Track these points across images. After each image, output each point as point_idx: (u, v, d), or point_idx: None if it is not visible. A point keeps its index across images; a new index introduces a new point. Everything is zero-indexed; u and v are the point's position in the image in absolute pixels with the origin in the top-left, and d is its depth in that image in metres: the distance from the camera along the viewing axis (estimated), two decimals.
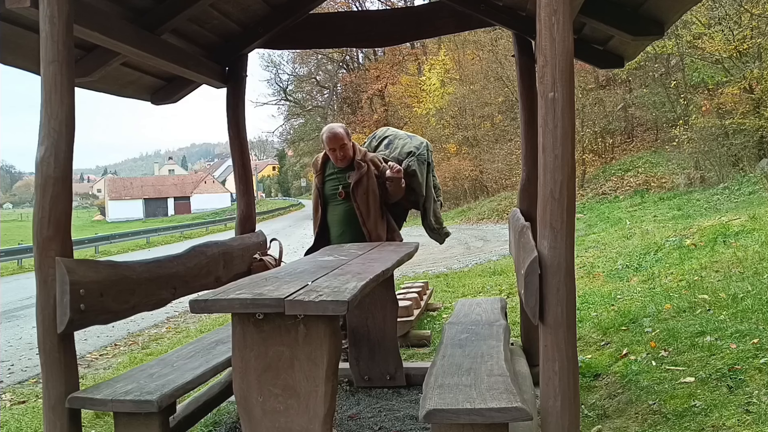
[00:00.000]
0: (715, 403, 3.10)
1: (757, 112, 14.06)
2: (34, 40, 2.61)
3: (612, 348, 4.41)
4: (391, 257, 3.44)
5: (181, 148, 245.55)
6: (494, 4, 4.02)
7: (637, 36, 3.60)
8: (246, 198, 4.47)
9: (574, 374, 2.03)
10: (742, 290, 4.89)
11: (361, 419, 3.48)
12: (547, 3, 2.01)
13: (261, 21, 4.24)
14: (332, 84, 42.69)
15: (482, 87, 26.49)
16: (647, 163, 18.86)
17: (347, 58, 40.57)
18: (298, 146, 47.88)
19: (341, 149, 4.31)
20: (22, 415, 4.26)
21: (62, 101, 2.41)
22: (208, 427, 3.54)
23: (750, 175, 13.37)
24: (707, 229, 8.08)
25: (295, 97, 46.40)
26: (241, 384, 2.32)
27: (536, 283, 2.06)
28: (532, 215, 2.77)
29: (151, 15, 3.53)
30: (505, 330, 3.15)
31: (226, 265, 3.79)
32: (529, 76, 4.01)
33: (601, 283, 6.96)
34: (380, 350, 3.90)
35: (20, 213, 78.09)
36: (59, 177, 2.41)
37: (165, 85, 4.44)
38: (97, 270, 2.57)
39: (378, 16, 4.99)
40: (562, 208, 2.02)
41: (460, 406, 2.07)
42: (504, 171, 24.85)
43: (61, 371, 2.42)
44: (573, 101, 2.04)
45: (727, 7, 13.95)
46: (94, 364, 6.29)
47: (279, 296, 2.18)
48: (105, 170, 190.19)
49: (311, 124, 44.07)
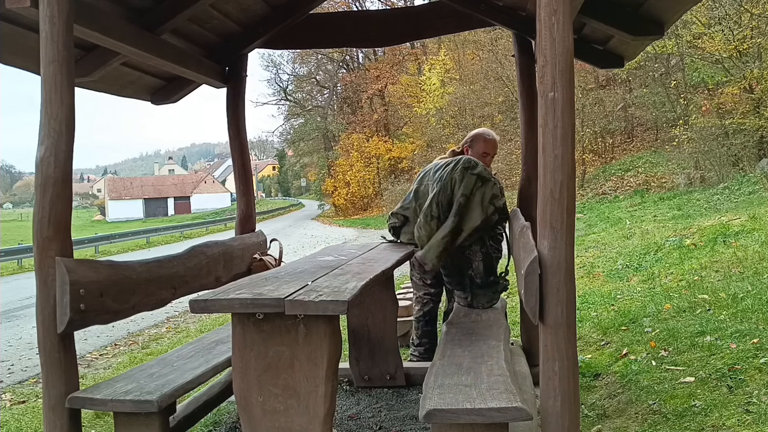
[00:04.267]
0: (715, 403, 3.11)
1: (757, 112, 14.05)
2: (34, 40, 2.61)
3: (612, 348, 4.41)
4: (391, 257, 3.44)
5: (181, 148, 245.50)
6: (494, 4, 4.02)
7: (637, 36, 3.60)
8: (246, 198, 4.47)
9: (574, 374, 2.03)
10: (742, 290, 4.89)
11: (361, 419, 3.48)
12: (547, 3, 2.01)
13: (261, 21, 4.24)
14: (332, 84, 42.70)
15: (482, 87, 26.47)
16: (647, 163, 18.86)
17: (347, 58, 40.59)
18: (298, 146, 47.88)
19: (492, 157, 4.21)
20: (22, 415, 4.26)
21: (62, 101, 2.41)
22: (208, 427, 3.54)
23: (750, 175, 13.37)
24: (707, 229, 8.08)
25: (295, 97, 46.42)
26: (241, 384, 2.32)
27: (536, 283, 2.06)
28: (532, 215, 2.77)
29: (151, 15, 3.53)
30: (505, 330, 3.15)
31: (226, 265, 3.79)
32: (529, 76, 4.01)
33: (601, 283, 6.96)
34: (380, 350, 3.90)
35: (20, 213, 78.07)
36: (59, 177, 2.41)
37: (165, 85, 4.44)
38: (97, 270, 2.57)
39: (378, 16, 4.99)
40: (562, 208, 2.02)
41: (460, 405, 2.07)
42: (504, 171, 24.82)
43: (61, 371, 2.42)
44: (573, 101, 2.04)
45: (727, 7, 13.94)
46: (94, 364, 6.29)
47: (279, 296, 2.18)
48: (105, 170, 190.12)
49: (311, 124, 44.09)
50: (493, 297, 3.75)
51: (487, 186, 3.65)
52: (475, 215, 3.60)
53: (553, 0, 2.00)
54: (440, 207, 3.66)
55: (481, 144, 4.16)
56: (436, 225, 3.66)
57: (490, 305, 3.71)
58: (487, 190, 3.65)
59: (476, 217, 3.60)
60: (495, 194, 3.66)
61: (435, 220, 3.66)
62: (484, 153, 4.13)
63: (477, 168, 3.69)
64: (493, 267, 3.82)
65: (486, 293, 3.75)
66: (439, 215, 3.66)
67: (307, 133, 44.64)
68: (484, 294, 3.74)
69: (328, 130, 42.31)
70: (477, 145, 4.19)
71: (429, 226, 3.68)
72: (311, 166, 50.30)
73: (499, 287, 3.80)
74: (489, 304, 3.72)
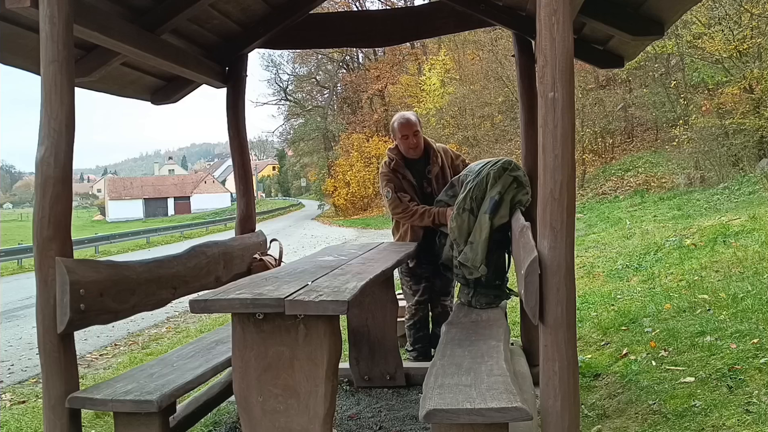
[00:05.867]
0: (715, 403, 3.11)
1: (757, 112, 14.04)
2: (34, 40, 2.61)
3: (612, 348, 4.41)
4: (391, 257, 3.44)
5: (181, 148, 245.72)
6: (494, 4, 4.02)
7: (637, 36, 3.60)
8: (246, 198, 4.47)
9: (574, 374, 2.03)
10: (742, 290, 4.89)
11: (361, 419, 3.48)
12: (547, 3, 2.01)
13: (261, 21, 4.24)
14: (332, 84, 42.71)
15: (482, 87, 26.48)
16: (647, 163, 18.85)
17: (347, 58, 40.58)
18: (298, 146, 47.86)
19: (414, 136, 4.23)
20: (22, 415, 4.26)
21: (62, 101, 2.41)
22: (208, 427, 3.54)
23: (750, 175, 13.36)
24: (707, 229, 8.08)
25: (295, 97, 46.42)
26: (241, 384, 2.32)
27: (536, 283, 2.06)
28: (532, 215, 2.77)
29: (151, 15, 3.53)
30: (505, 330, 3.15)
31: (226, 265, 3.79)
32: (529, 76, 4.01)
33: (601, 283, 6.95)
34: (380, 350, 3.90)
35: (20, 213, 78.06)
36: (59, 177, 2.41)
37: (165, 85, 4.44)
38: (97, 270, 2.57)
39: (378, 16, 4.99)
40: (562, 208, 2.02)
41: (460, 406, 2.07)
42: None
43: (61, 371, 2.42)
44: (573, 101, 2.04)
45: (727, 7, 13.94)
46: (94, 364, 6.29)
47: (279, 296, 2.19)
48: (105, 170, 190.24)
49: (311, 124, 44.08)
50: (493, 300, 3.74)
51: (520, 191, 3.67)
52: (504, 213, 3.63)
53: (553, 0, 2.01)
54: (474, 201, 3.70)
55: (396, 131, 4.28)
56: (467, 217, 3.71)
57: (488, 306, 3.71)
58: (518, 194, 3.66)
59: (504, 216, 3.63)
60: (521, 201, 3.67)
61: (467, 212, 3.71)
62: (403, 137, 4.25)
63: (517, 171, 3.70)
64: (503, 270, 3.82)
65: (488, 294, 3.74)
66: (472, 208, 3.70)
67: (307, 133, 44.63)
68: (486, 294, 3.74)
69: (328, 130, 42.31)
70: (395, 135, 4.34)
71: (461, 218, 3.73)
72: (311, 166, 50.29)
73: (501, 293, 3.78)
74: (487, 306, 3.72)
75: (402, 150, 4.31)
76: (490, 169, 3.71)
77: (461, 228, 3.73)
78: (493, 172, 3.68)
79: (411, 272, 4.37)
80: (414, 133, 4.23)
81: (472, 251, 3.65)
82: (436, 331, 4.30)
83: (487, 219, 3.60)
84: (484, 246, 3.60)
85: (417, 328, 4.43)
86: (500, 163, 3.74)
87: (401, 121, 4.27)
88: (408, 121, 4.25)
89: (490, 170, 3.70)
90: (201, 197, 73.63)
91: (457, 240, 3.76)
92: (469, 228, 3.71)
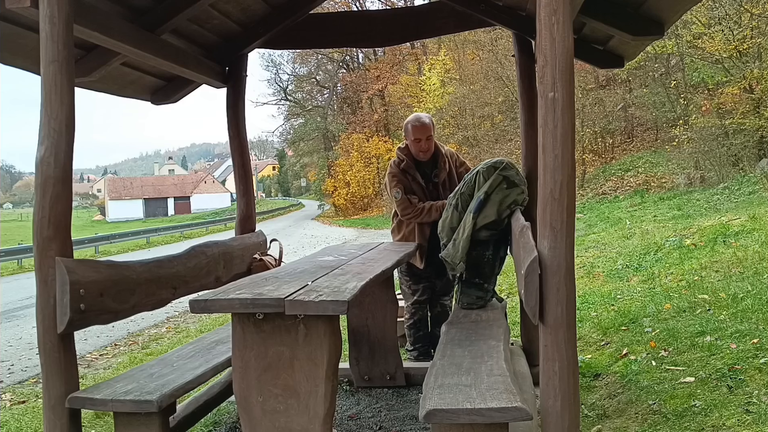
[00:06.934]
0: (715, 403, 3.10)
1: (757, 112, 14.04)
2: (34, 40, 2.61)
3: (612, 348, 4.41)
4: (391, 257, 3.44)
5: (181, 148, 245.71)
6: (494, 4, 4.02)
7: (637, 36, 3.60)
8: (246, 198, 4.47)
9: (574, 374, 2.03)
10: (742, 290, 4.89)
11: (361, 419, 3.48)
12: (547, 3, 2.01)
13: (261, 21, 4.24)
14: (332, 84, 42.70)
15: (482, 87, 26.48)
16: (647, 163, 18.85)
17: (347, 58, 40.58)
18: (298, 146, 47.88)
19: (427, 141, 4.20)
20: (22, 415, 4.26)
21: (62, 101, 2.41)
22: (208, 427, 3.55)
23: (750, 175, 13.36)
24: (707, 229, 8.08)
25: (295, 97, 46.42)
26: (241, 384, 2.32)
27: (536, 283, 2.06)
28: (532, 215, 2.77)
29: (151, 15, 3.53)
30: (505, 330, 3.15)
31: (226, 265, 3.79)
32: (529, 76, 4.01)
33: (601, 283, 6.96)
34: (380, 350, 3.90)
35: (20, 213, 78.07)
36: (59, 177, 2.41)
37: (165, 85, 4.44)
38: (97, 270, 2.57)
39: (378, 16, 4.99)
40: (562, 208, 2.02)
41: (460, 405, 2.07)
42: None
43: (61, 371, 2.42)
44: (573, 101, 2.04)
45: (727, 7, 13.94)
46: (94, 364, 6.29)
47: (279, 296, 2.19)
48: (105, 170, 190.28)
49: (311, 124, 44.09)
50: (474, 301, 3.64)
51: (513, 191, 3.56)
52: (489, 213, 3.55)
53: (553, 0, 2.01)
54: (461, 198, 3.69)
55: (409, 132, 4.24)
56: (452, 213, 3.71)
57: (469, 308, 3.62)
58: (511, 194, 3.55)
59: (490, 215, 3.55)
60: (516, 201, 3.56)
61: (452, 208, 3.72)
62: (416, 140, 4.21)
63: (509, 170, 3.61)
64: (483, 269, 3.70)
65: (470, 294, 3.67)
66: (458, 205, 3.70)
67: (307, 133, 44.64)
68: (468, 294, 3.68)
69: (328, 130, 42.31)
70: (407, 135, 4.29)
71: (447, 213, 3.74)
72: (311, 166, 50.32)
73: (483, 294, 3.68)
74: (468, 306, 3.63)
75: (412, 152, 4.28)
76: (481, 168, 3.70)
77: (444, 223, 3.76)
78: (483, 170, 3.65)
79: (410, 272, 4.36)
80: (427, 138, 4.21)
81: (454, 248, 3.63)
82: (435, 331, 4.30)
83: (471, 218, 3.56)
84: (465, 244, 3.56)
85: (417, 328, 4.43)
86: (492, 162, 3.70)
87: (415, 124, 4.22)
88: (423, 125, 4.22)
89: (481, 169, 3.69)
90: (201, 197, 73.63)
91: (441, 235, 3.79)
92: (453, 224, 3.71)
